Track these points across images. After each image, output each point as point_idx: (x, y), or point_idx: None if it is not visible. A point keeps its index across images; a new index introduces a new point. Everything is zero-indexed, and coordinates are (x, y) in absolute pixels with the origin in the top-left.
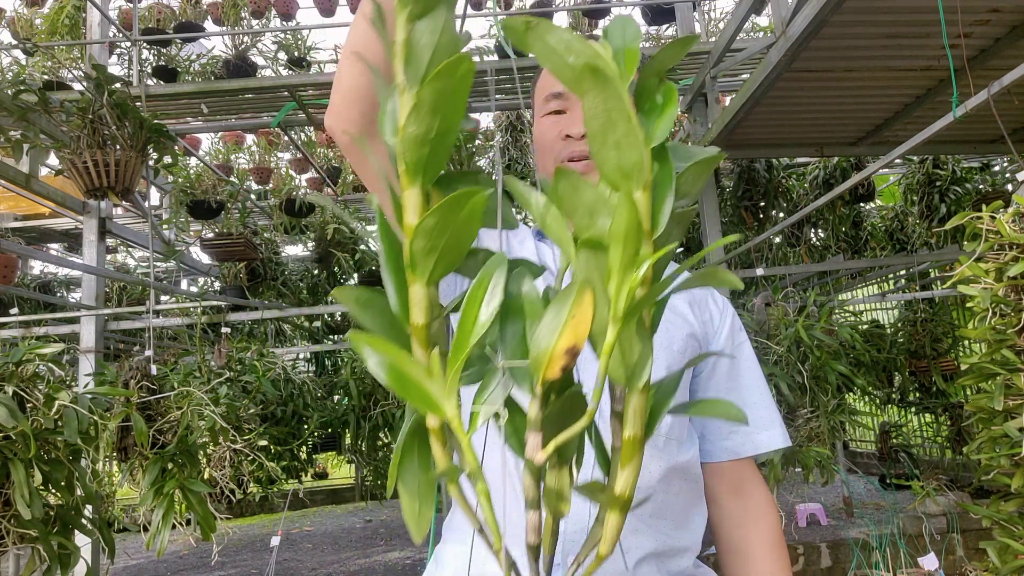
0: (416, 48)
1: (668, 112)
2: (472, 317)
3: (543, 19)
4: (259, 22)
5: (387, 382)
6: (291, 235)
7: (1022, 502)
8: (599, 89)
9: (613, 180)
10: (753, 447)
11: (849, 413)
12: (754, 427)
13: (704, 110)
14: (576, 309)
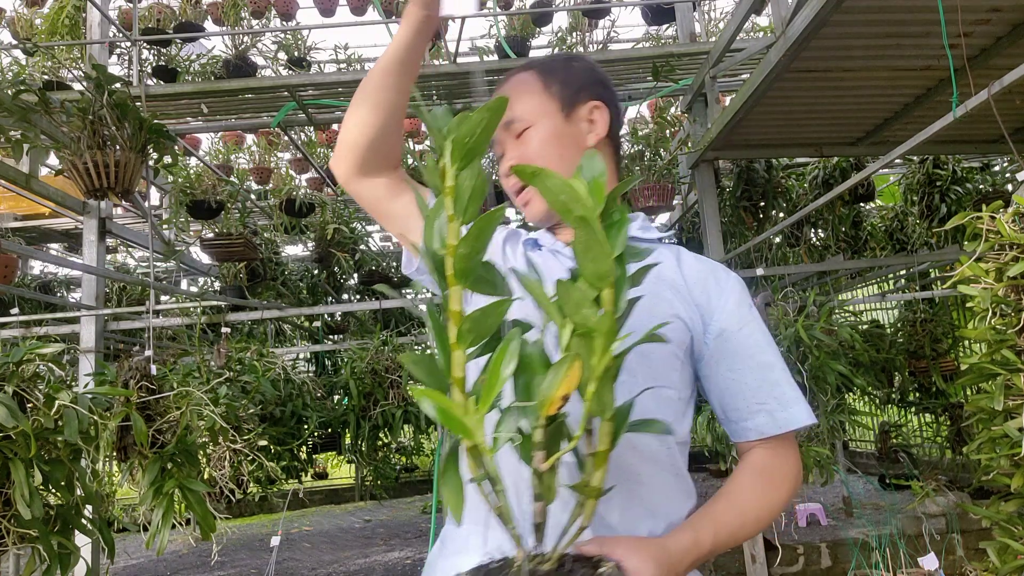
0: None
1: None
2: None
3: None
4: (259, 22)
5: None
6: (291, 235)
7: (1022, 502)
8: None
9: (592, 281)
10: (777, 425)
11: (849, 413)
12: (781, 405)
13: (704, 110)
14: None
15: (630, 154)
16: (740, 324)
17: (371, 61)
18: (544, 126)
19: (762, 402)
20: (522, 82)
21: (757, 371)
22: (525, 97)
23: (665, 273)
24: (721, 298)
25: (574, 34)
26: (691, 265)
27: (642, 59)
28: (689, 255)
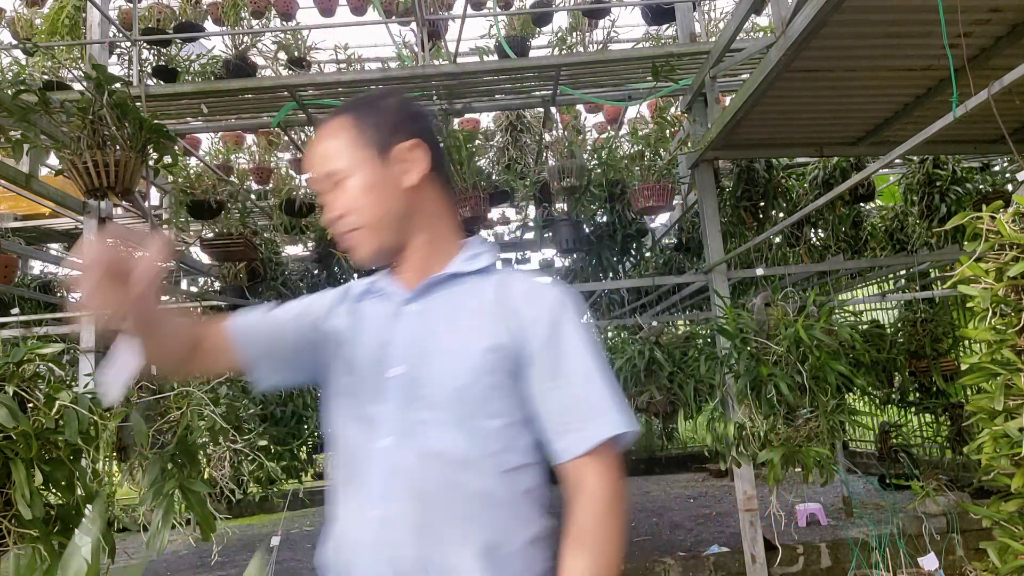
0: None
1: None
2: None
3: None
4: (259, 22)
5: None
6: (291, 235)
7: (1022, 502)
8: None
9: None
10: (584, 442)
11: (849, 413)
12: (585, 420)
13: (704, 110)
14: None
15: (630, 154)
16: (548, 345)
17: (371, 61)
18: (361, 175)
19: (567, 422)
20: (338, 130)
21: (571, 387)
22: (342, 147)
23: (482, 307)
24: (534, 323)
25: (574, 34)
26: (514, 288)
27: (642, 59)
28: (516, 278)
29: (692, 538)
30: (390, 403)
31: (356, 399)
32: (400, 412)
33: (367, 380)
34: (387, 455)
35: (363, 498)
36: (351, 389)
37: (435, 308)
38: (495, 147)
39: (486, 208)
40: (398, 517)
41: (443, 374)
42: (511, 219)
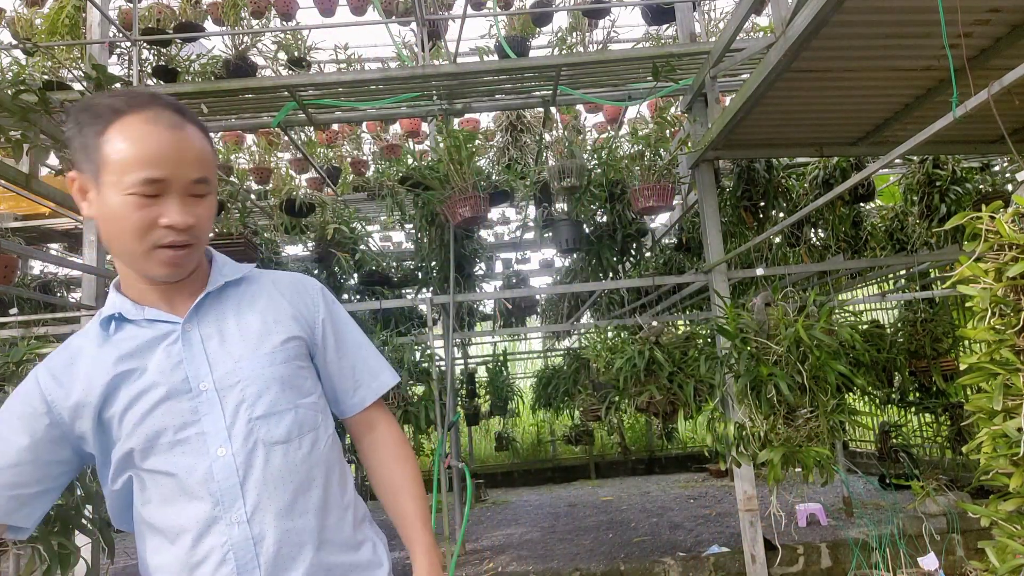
0: None
1: None
2: None
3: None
4: (259, 22)
5: None
6: (291, 235)
7: (1021, 502)
8: None
9: None
10: (375, 393)
11: (849, 413)
12: (372, 376)
13: (704, 110)
14: None
15: (630, 154)
16: (332, 320)
17: (371, 61)
18: (214, 197)
19: (358, 380)
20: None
21: (354, 354)
22: (211, 159)
23: (269, 304)
24: (314, 304)
25: (574, 34)
26: (284, 282)
27: (642, 59)
28: (279, 274)
29: (692, 538)
30: (212, 416)
31: (163, 433)
32: (230, 419)
33: (176, 406)
34: (229, 461)
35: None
36: (155, 426)
37: (229, 315)
38: (495, 147)
39: (486, 208)
40: (261, 509)
41: (259, 370)
42: (511, 219)
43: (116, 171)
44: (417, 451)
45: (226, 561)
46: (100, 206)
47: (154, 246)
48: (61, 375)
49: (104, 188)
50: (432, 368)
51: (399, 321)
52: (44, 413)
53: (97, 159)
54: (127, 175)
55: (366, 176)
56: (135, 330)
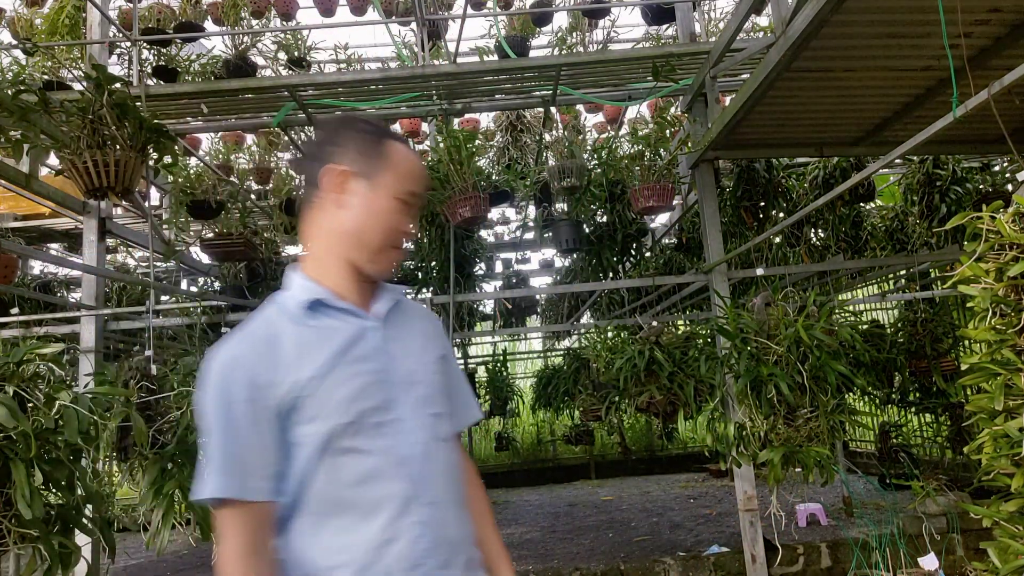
0: None
1: None
2: None
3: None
4: (259, 22)
5: None
6: (291, 235)
7: (1022, 502)
8: None
9: None
10: (467, 422)
11: (849, 413)
12: (467, 408)
13: (704, 110)
14: None
15: (630, 154)
16: (449, 352)
17: (371, 61)
18: None
19: (458, 407)
20: None
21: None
22: None
23: (422, 324)
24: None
25: (574, 34)
26: (424, 309)
27: (642, 59)
28: (415, 302)
29: (692, 538)
30: (403, 406)
31: (370, 414)
32: (415, 411)
33: (379, 392)
34: (419, 448)
35: (410, 495)
36: (363, 407)
37: (403, 325)
38: (495, 147)
39: (486, 208)
40: (442, 500)
41: (429, 375)
42: (511, 219)
43: (395, 177)
44: None
45: (420, 538)
46: (367, 200)
47: (391, 246)
48: (265, 359)
49: (379, 187)
50: None
51: None
52: (260, 398)
53: (378, 163)
54: (402, 184)
55: None
56: (337, 317)
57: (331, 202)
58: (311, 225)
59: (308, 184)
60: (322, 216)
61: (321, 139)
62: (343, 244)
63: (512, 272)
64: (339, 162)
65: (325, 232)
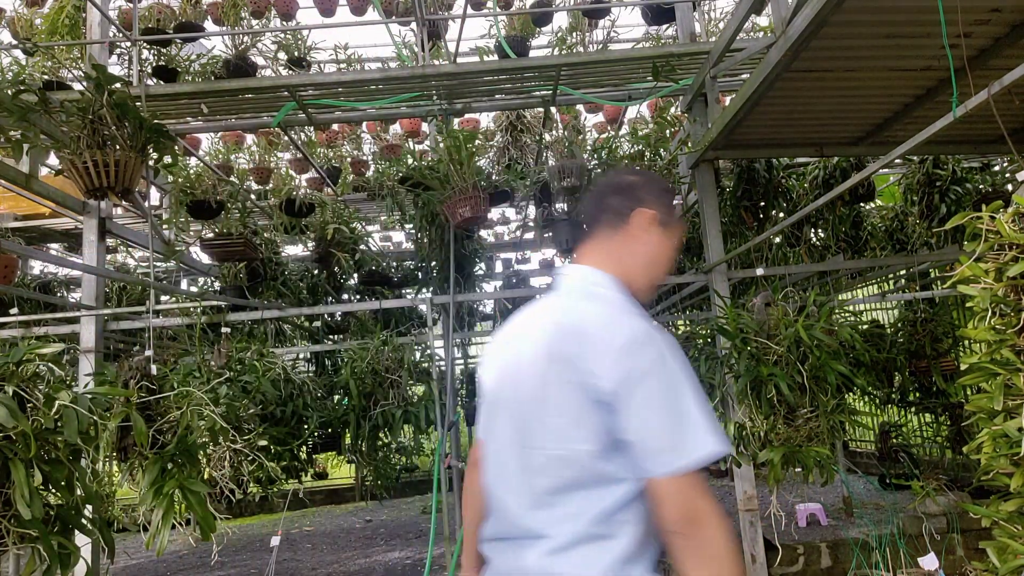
0: None
1: None
2: None
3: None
4: (259, 22)
5: None
6: (291, 235)
7: (1022, 502)
8: None
9: None
10: None
11: (849, 413)
12: None
13: (704, 110)
14: None
15: (630, 154)
16: None
17: (371, 61)
18: None
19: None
20: None
21: None
22: None
23: None
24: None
25: (574, 34)
26: None
27: (642, 59)
28: None
29: None
30: None
31: None
32: None
33: None
34: None
35: None
36: None
37: None
38: (495, 147)
39: (486, 208)
40: None
41: None
42: (511, 219)
43: (677, 231)
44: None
45: None
46: (659, 243)
47: (660, 282)
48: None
49: (667, 236)
50: (432, 368)
51: (399, 321)
52: None
53: (670, 218)
54: (677, 237)
55: (366, 176)
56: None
57: (634, 236)
58: (606, 244)
59: (611, 211)
60: (622, 243)
61: (633, 183)
62: (635, 271)
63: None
64: (651, 207)
65: (625, 255)
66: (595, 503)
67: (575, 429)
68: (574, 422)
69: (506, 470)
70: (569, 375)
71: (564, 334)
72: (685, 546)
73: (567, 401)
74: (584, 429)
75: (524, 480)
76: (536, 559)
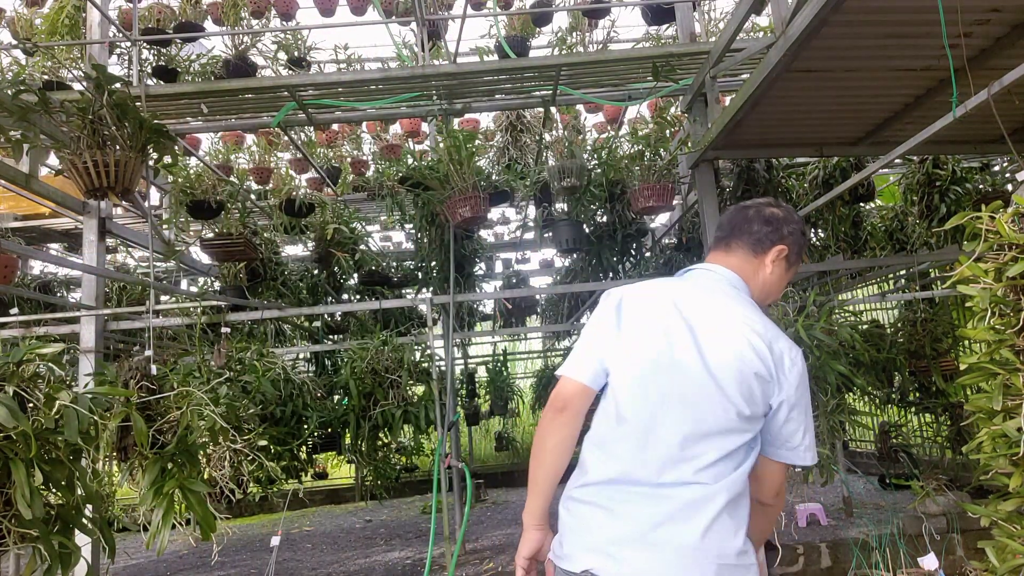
0: None
1: None
2: None
3: None
4: (259, 22)
5: None
6: (291, 235)
7: (1021, 501)
8: None
9: None
10: None
11: (849, 413)
12: None
13: (704, 110)
14: None
15: (630, 154)
16: None
17: (371, 61)
18: None
19: None
20: None
21: None
22: None
23: None
24: None
25: (574, 34)
26: None
27: (642, 59)
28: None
29: None
30: None
31: None
32: None
33: None
34: None
35: None
36: None
37: None
38: (495, 147)
39: (486, 208)
40: None
41: None
42: (511, 219)
43: (798, 265)
44: (417, 451)
45: None
46: (782, 277)
47: (770, 303)
48: None
49: (789, 273)
50: (432, 368)
51: (399, 321)
52: None
53: (797, 259)
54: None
55: (366, 176)
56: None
57: (767, 265)
58: (745, 263)
59: (756, 237)
60: (757, 267)
61: (780, 219)
62: (759, 291)
63: (512, 272)
64: (786, 245)
65: (753, 276)
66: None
67: (748, 406)
68: (748, 400)
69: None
70: (756, 367)
71: (753, 333)
72: (770, 512)
73: (750, 384)
74: (754, 408)
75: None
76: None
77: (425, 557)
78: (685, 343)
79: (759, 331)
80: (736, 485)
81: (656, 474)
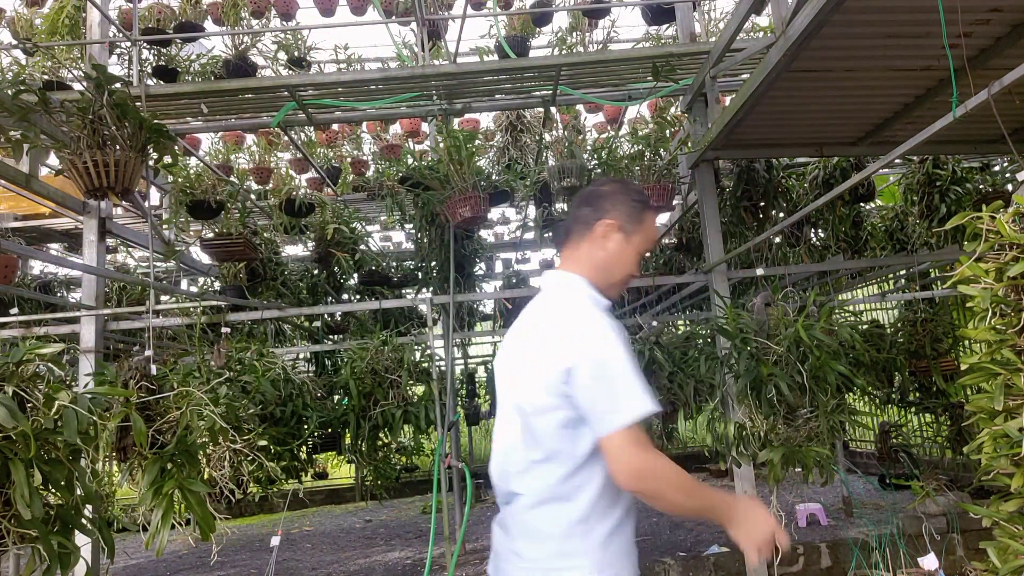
0: None
1: None
2: None
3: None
4: (259, 22)
5: None
6: (291, 235)
7: (1022, 502)
8: None
9: None
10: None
11: (849, 413)
12: None
13: (704, 110)
14: None
15: (630, 154)
16: None
17: (371, 61)
18: None
19: None
20: None
21: None
22: None
23: None
24: None
25: (574, 34)
26: None
27: (642, 59)
28: None
29: (692, 538)
30: None
31: None
32: None
33: None
34: None
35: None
36: None
37: None
38: (495, 147)
39: (486, 208)
40: None
41: None
42: (511, 219)
43: (643, 238)
44: (417, 451)
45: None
46: (622, 248)
47: (625, 281)
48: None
49: (631, 242)
50: (432, 368)
51: (399, 321)
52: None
53: (637, 225)
54: (645, 244)
55: (366, 176)
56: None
57: (597, 244)
58: (578, 249)
59: (581, 221)
60: (588, 250)
61: (601, 194)
62: (598, 273)
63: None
64: (612, 218)
65: (587, 260)
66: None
67: (548, 400)
68: (546, 394)
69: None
70: (544, 361)
71: (538, 328)
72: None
73: (545, 381)
74: (555, 401)
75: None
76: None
77: (425, 557)
78: None
79: (540, 321)
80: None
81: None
